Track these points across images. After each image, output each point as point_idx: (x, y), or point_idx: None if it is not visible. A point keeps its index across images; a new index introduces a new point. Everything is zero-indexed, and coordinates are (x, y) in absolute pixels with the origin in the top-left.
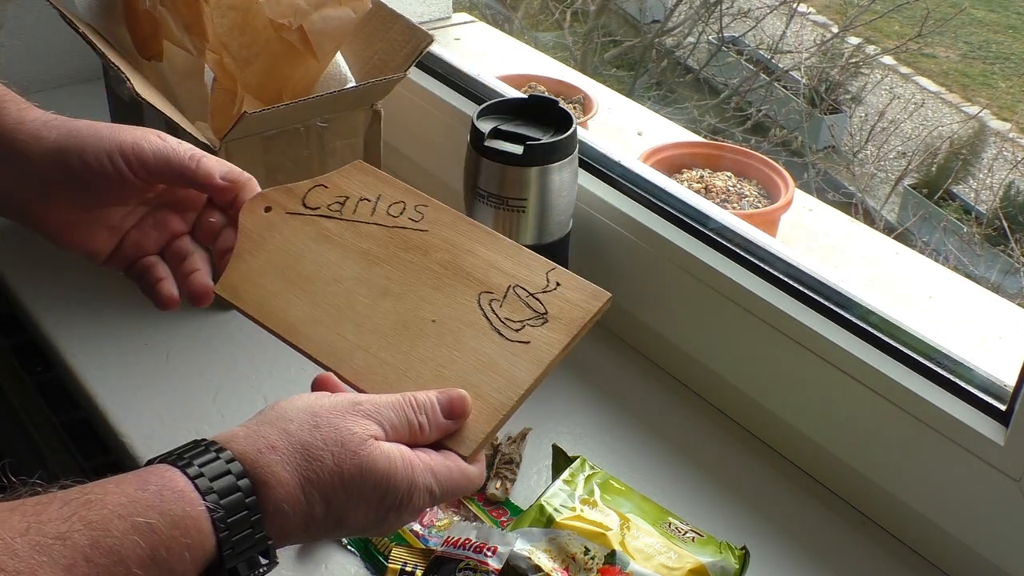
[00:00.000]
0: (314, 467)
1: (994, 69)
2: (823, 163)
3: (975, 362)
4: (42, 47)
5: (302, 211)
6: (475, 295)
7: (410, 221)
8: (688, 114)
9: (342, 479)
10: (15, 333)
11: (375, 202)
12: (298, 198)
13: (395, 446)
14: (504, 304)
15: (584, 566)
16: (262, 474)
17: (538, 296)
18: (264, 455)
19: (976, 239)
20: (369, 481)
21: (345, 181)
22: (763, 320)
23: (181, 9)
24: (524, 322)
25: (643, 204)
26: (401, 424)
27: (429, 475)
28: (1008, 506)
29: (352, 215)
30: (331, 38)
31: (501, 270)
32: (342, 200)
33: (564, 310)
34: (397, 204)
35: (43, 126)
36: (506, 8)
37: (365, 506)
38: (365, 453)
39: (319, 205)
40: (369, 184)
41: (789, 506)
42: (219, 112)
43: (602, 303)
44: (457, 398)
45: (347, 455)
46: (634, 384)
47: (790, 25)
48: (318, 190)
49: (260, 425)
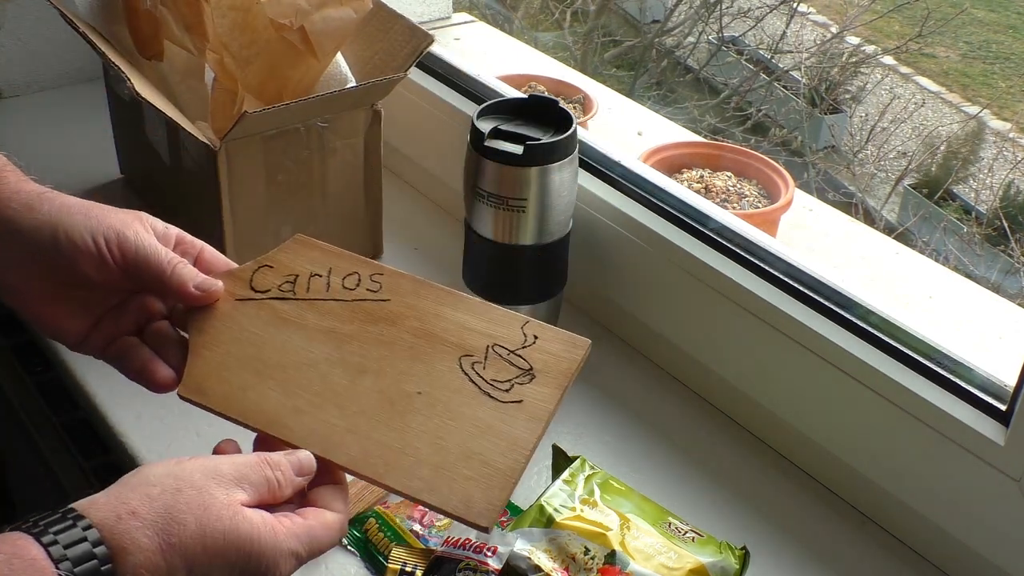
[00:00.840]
0: (176, 531)
1: (994, 69)
2: (823, 163)
3: (975, 362)
4: (42, 47)
5: (252, 295)
6: (455, 360)
7: (369, 292)
8: (688, 114)
9: (204, 544)
10: (15, 333)
11: (327, 276)
12: (245, 282)
13: (258, 513)
14: (487, 365)
15: (584, 566)
16: (120, 540)
17: (519, 353)
18: (124, 521)
19: (976, 239)
20: (232, 546)
21: (290, 258)
22: (763, 320)
23: (182, 9)
24: (512, 381)
25: (643, 204)
26: (260, 482)
27: (293, 540)
28: (1008, 506)
29: (306, 293)
30: (332, 38)
31: (475, 331)
32: (292, 279)
33: (549, 363)
34: (351, 276)
35: (37, 198)
36: (506, 8)
37: (230, 572)
38: (228, 517)
39: (269, 287)
40: (316, 259)
41: (789, 506)
42: (219, 112)
43: (584, 351)
44: (304, 458)
45: (211, 519)
46: (634, 384)
47: (790, 25)
48: (264, 271)
49: (121, 490)
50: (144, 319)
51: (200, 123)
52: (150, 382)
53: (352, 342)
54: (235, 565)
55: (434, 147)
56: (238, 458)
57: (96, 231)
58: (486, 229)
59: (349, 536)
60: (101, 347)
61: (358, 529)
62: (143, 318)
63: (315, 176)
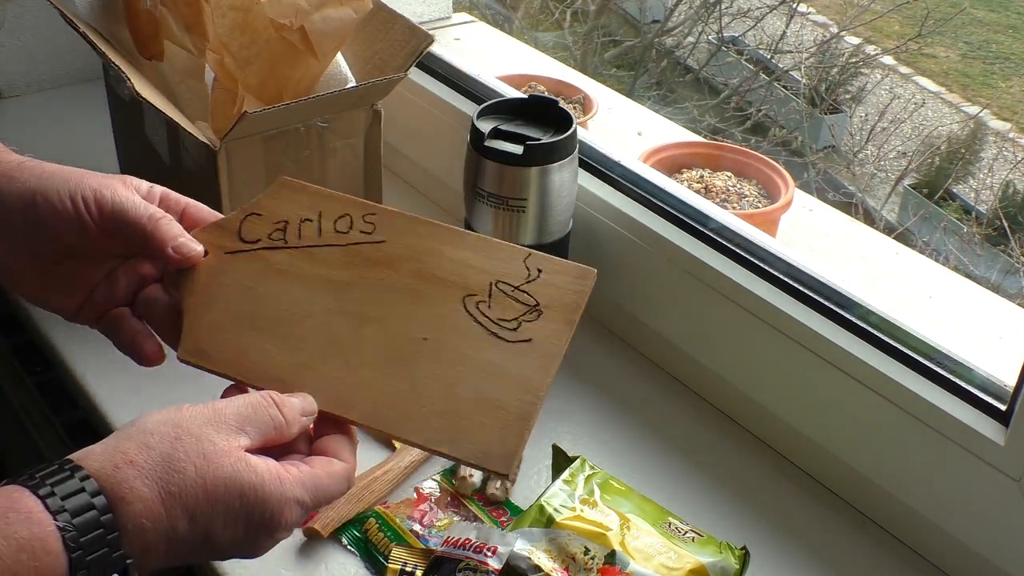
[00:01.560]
0: (176, 480)
1: (994, 69)
2: (823, 163)
3: (975, 362)
4: (42, 47)
5: (242, 247)
6: (459, 301)
7: (363, 235)
8: (688, 114)
9: (206, 492)
10: (15, 333)
11: (318, 221)
12: (233, 233)
13: (262, 459)
14: (492, 304)
15: (584, 566)
16: (119, 490)
17: (524, 288)
18: (122, 470)
19: (976, 239)
20: (235, 494)
21: (277, 204)
22: (763, 320)
23: (182, 9)
24: (519, 319)
25: (643, 204)
26: (264, 422)
27: (299, 487)
28: (1008, 506)
29: (298, 240)
30: (332, 38)
31: (476, 268)
32: (282, 226)
33: (555, 297)
34: (343, 218)
35: (17, 168)
36: (506, 8)
37: (233, 521)
38: (230, 465)
39: (258, 237)
40: (305, 202)
41: (789, 506)
42: (219, 112)
43: (591, 281)
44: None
45: (211, 467)
46: (634, 384)
47: (790, 25)
48: (252, 220)
49: (119, 440)
50: (137, 285)
51: (200, 123)
52: (138, 356)
53: (351, 290)
54: (238, 512)
55: (434, 147)
56: (240, 399)
57: (73, 192)
58: (486, 229)
59: (349, 536)
60: (96, 318)
61: (358, 529)
62: (135, 284)
63: (315, 176)
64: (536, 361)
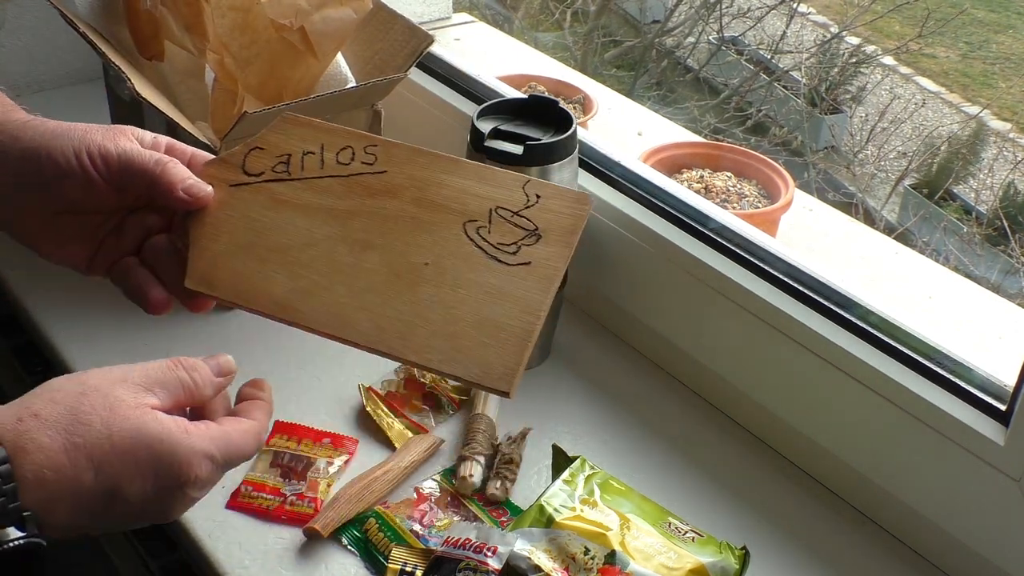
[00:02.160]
0: (81, 431)
1: (994, 69)
2: (823, 163)
3: (975, 362)
4: (42, 47)
5: (246, 180)
6: (459, 226)
7: (364, 166)
8: (688, 114)
9: (111, 442)
10: (15, 333)
11: (320, 153)
12: (237, 167)
13: (169, 416)
14: (492, 229)
15: (584, 566)
16: (20, 441)
17: (522, 213)
18: (24, 423)
19: (976, 239)
20: (142, 445)
21: (280, 138)
22: (763, 320)
23: (182, 9)
24: (518, 243)
25: (643, 204)
26: (173, 384)
27: (206, 441)
28: (1008, 506)
29: (301, 172)
30: (332, 38)
31: (476, 195)
32: (285, 159)
33: (553, 222)
34: (345, 151)
35: (22, 127)
36: (506, 8)
37: (140, 475)
38: (136, 417)
39: (262, 170)
40: (307, 135)
41: (789, 506)
42: (219, 112)
43: (588, 206)
44: (223, 360)
45: (117, 419)
46: (634, 384)
47: (790, 25)
48: (256, 154)
49: (24, 398)
50: (143, 235)
51: (200, 123)
52: (144, 303)
53: (354, 218)
54: (145, 465)
55: (434, 147)
56: (150, 363)
57: (78, 148)
58: None
59: (349, 536)
60: (105, 268)
61: (358, 529)
62: (142, 234)
63: None
64: (535, 283)
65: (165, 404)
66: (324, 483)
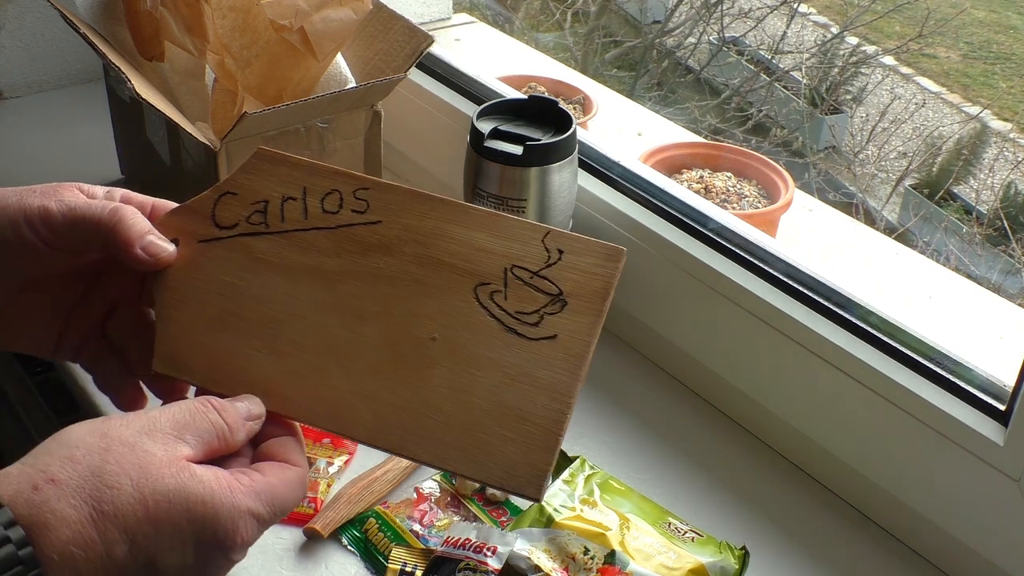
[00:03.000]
0: (109, 497)
1: (995, 69)
2: (824, 163)
3: (975, 362)
4: (43, 48)
5: (218, 234)
6: (470, 291)
7: (355, 215)
8: (689, 114)
9: (147, 509)
10: None
11: (303, 199)
12: (206, 217)
13: (208, 469)
14: (508, 294)
15: (584, 566)
16: (39, 514)
17: (543, 274)
18: (41, 491)
19: (977, 239)
20: (180, 510)
21: (255, 180)
22: (763, 320)
23: (182, 10)
24: (540, 311)
25: (643, 204)
26: (206, 429)
27: (252, 498)
28: (1008, 506)
29: (281, 223)
30: (331, 39)
31: (488, 251)
32: (261, 207)
33: (582, 284)
34: (331, 195)
35: None
36: (506, 9)
37: (180, 544)
38: (172, 475)
39: (236, 220)
40: (286, 176)
41: (789, 506)
42: (220, 112)
43: (621, 262)
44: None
45: (150, 480)
46: (634, 384)
47: (791, 25)
48: (227, 201)
49: (38, 457)
50: (111, 305)
51: (200, 124)
52: (115, 398)
53: (345, 281)
54: (186, 532)
55: (434, 147)
56: (176, 406)
57: (15, 217)
58: None
59: (349, 536)
60: (76, 351)
61: (358, 529)
62: (110, 304)
63: None
64: (562, 362)
65: (198, 454)
66: (324, 483)
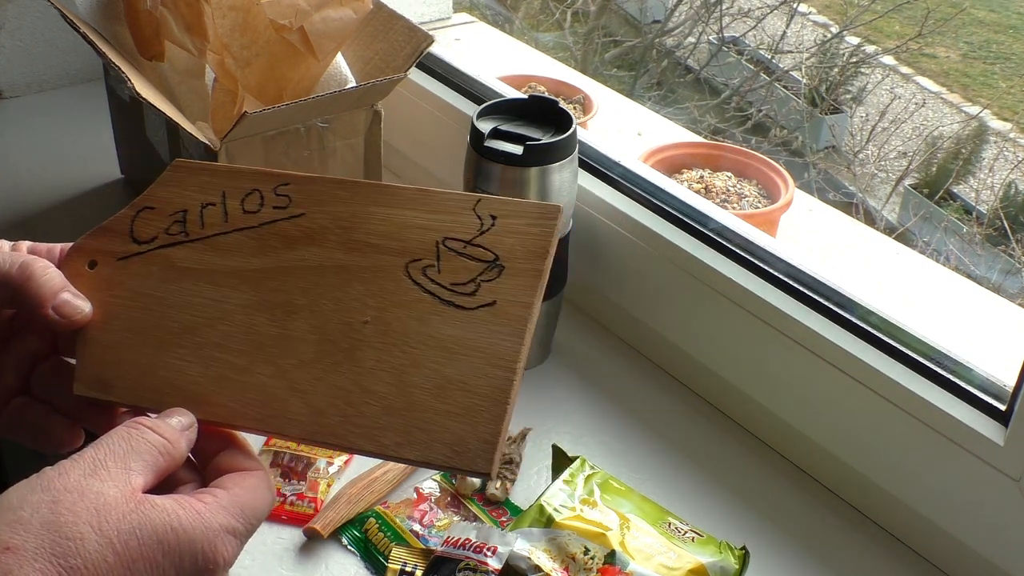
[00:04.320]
0: (74, 550)
1: (995, 69)
2: (824, 163)
3: (975, 362)
4: (42, 47)
5: (136, 249)
6: (401, 269)
7: (277, 211)
8: (688, 114)
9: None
10: None
11: (222, 203)
12: (124, 235)
13: (168, 498)
14: (442, 267)
15: (584, 566)
16: None
17: (477, 242)
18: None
19: (977, 239)
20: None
21: (172, 191)
22: (763, 320)
23: (182, 9)
24: (476, 280)
25: (643, 204)
26: (146, 451)
27: (222, 514)
28: (1008, 506)
29: (201, 230)
30: (332, 39)
31: (417, 226)
32: (180, 217)
33: (517, 246)
34: (251, 196)
35: None
36: (506, 8)
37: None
38: (132, 512)
39: (154, 234)
40: (204, 183)
41: (789, 506)
42: (220, 112)
43: (557, 219)
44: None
45: (111, 521)
46: (634, 384)
47: (790, 25)
48: (146, 215)
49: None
50: (30, 364)
51: (200, 123)
52: (50, 443)
53: (270, 278)
54: (164, 566)
55: (434, 147)
56: (106, 438)
57: None
58: None
59: (349, 536)
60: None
61: (358, 529)
62: (27, 364)
63: None
64: (504, 326)
65: (148, 480)
66: (324, 483)
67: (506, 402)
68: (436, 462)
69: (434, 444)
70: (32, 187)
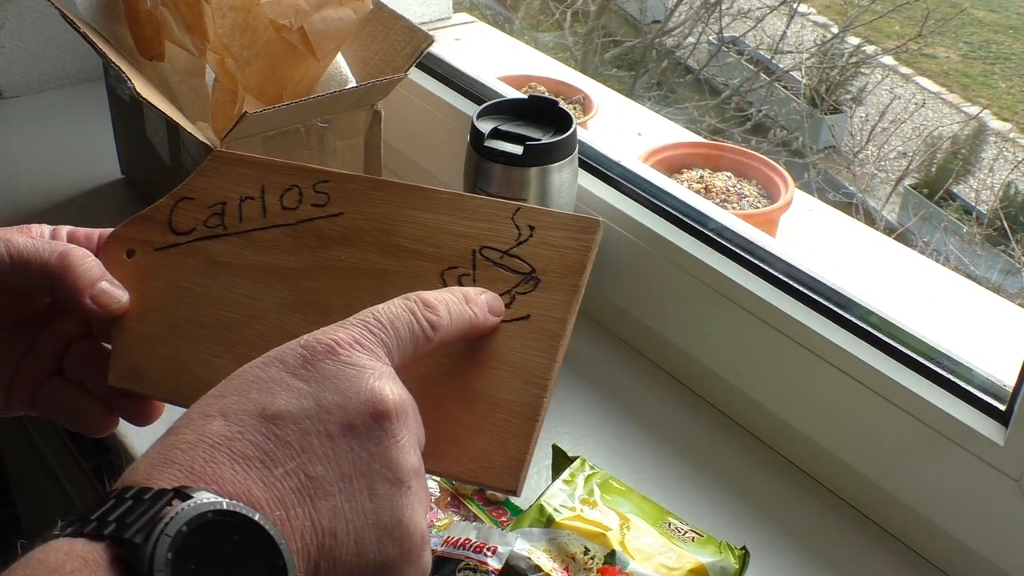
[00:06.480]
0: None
1: (994, 69)
2: (823, 163)
3: (975, 362)
4: (43, 48)
5: (174, 240)
6: (437, 276)
7: (315, 208)
8: (688, 114)
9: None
10: None
11: (261, 197)
12: (162, 225)
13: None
14: (477, 276)
15: (584, 566)
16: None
17: (514, 252)
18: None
19: (976, 239)
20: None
21: (212, 183)
22: (763, 320)
23: (182, 9)
24: (512, 292)
25: (643, 204)
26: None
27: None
28: (1008, 506)
29: (240, 224)
30: (332, 39)
31: (454, 233)
32: (219, 209)
33: (554, 259)
34: (290, 192)
35: None
36: (506, 8)
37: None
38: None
39: (193, 225)
40: (244, 177)
41: (789, 506)
42: (220, 112)
43: (597, 235)
44: (492, 297)
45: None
46: (634, 384)
47: (790, 25)
48: (184, 206)
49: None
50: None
51: (200, 123)
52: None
53: (307, 278)
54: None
55: (434, 147)
56: (379, 309)
57: None
58: None
59: None
60: (30, 399)
61: None
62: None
63: None
64: (537, 342)
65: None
66: None
67: (535, 419)
68: (463, 476)
69: (461, 458)
70: (32, 187)
